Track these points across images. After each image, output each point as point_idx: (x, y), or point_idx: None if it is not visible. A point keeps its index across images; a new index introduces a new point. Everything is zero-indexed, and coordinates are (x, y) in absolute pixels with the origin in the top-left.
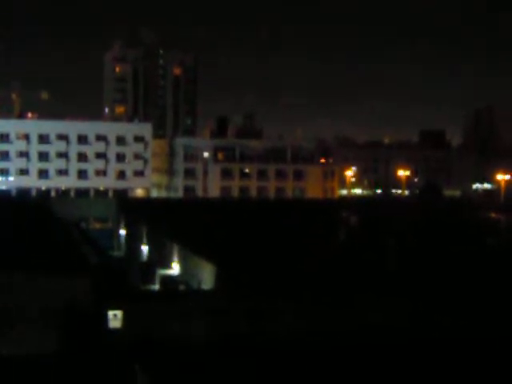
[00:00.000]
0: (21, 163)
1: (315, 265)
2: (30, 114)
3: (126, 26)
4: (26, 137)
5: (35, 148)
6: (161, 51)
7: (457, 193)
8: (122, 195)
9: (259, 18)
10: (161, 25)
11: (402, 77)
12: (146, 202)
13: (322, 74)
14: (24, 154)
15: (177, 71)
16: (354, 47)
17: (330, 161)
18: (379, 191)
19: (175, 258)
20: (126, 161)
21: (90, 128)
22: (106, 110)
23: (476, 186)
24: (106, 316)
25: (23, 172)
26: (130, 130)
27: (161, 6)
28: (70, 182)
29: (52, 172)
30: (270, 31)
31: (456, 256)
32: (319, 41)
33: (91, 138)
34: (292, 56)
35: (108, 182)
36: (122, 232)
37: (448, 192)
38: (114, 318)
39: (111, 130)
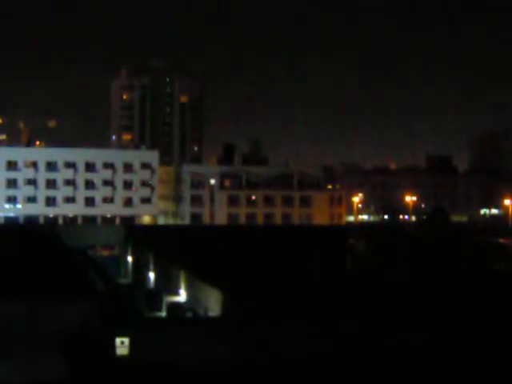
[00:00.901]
0: (28, 191)
1: (320, 292)
2: (37, 142)
3: (133, 54)
4: (34, 164)
5: (43, 176)
6: (167, 79)
7: (464, 218)
8: (129, 222)
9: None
10: (168, 53)
11: (408, 103)
12: (153, 229)
13: (328, 100)
14: (32, 182)
15: (183, 99)
16: (361, 73)
17: (337, 187)
18: (386, 217)
19: (182, 285)
20: (133, 188)
21: (97, 155)
22: (114, 137)
23: (483, 211)
24: (113, 343)
25: (31, 199)
26: (137, 157)
27: (168, 35)
28: (77, 210)
29: (59, 199)
30: (277, 58)
31: (462, 282)
32: (326, 67)
33: (98, 165)
34: (299, 82)
35: (115, 209)
36: (129, 259)
37: (455, 217)
38: (122, 344)
39: (118, 157)
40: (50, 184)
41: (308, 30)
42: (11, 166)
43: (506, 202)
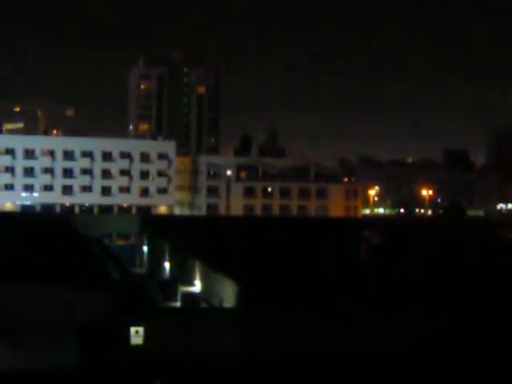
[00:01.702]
0: (45, 179)
1: (335, 283)
2: (55, 131)
3: (151, 44)
4: (51, 153)
5: (60, 164)
6: (185, 69)
7: (480, 213)
8: (145, 212)
9: (284, 37)
10: (185, 43)
11: (425, 96)
12: (169, 219)
13: (345, 93)
14: (49, 171)
15: (201, 89)
16: (377, 66)
17: (353, 180)
18: (402, 210)
19: (197, 276)
20: (150, 178)
21: (114, 145)
22: (131, 127)
23: (500, 206)
24: (128, 332)
25: (48, 188)
26: (153, 147)
27: (185, 24)
28: (93, 199)
29: (76, 188)
30: (295, 50)
31: (474, 275)
32: (343, 60)
33: (115, 154)
34: (317, 75)
35: (131, 199)
36: (145, 249)
37: (471, 212)
38: (136, 334)
39: (135, 147)
40: (67, 173)
41: (325, 20)
42: (28, 154)
43: None
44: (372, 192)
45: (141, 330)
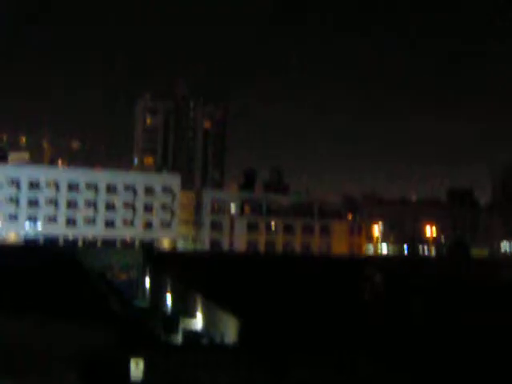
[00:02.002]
0: (49, 211)
1: (336, 321)
2: (60, 162)
3: (157, 78)
4: (56, 184)
5: (64, 196)
6: (191, 104)
7: (485, 252)
8: (148, 246)
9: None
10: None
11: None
12: (172, 253)
13: (349, 129)
14: (53, 202)
15: (207, 124)
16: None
17: (357, 216)
18: (406, 248)
19: (199, 310)
20: (154, 211)
21: (118, 177)
22: (136, 160)
23: (504, 244)
24: (128, 365)
25: (51, 219)
26: (158, 180)
27: (192, 59)
28: (97, 231)
29: (80, 220)
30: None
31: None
32: (348, 98)
33: (120, 187)
34: (321, 113)
35: (135, 232)
36: (147, 282)
37: (476, 251)
38: (136, 367)
39: (140, 180)
40: (71, 205)
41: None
42: (33, 185)
43: None
44: (376, 229)
45: (141, 363)
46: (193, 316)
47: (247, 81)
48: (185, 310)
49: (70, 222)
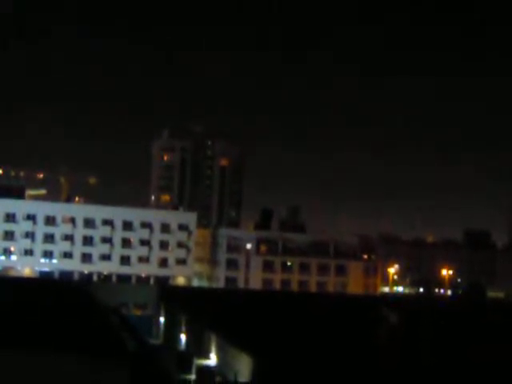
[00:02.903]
0: (65, 246)
1: (350, 363)
2: (77, 198)
3: (174, 116)
4: (72, 220)
5: (80, 232)
6: (208, 142)
7: (501, 294)
8: (163, 283)
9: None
10: (209, 115)
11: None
12: (187, 290)
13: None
14: (69, 238)
15: (223, 162)
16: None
17: (373, 257)
18: (421, 290)
19: (213, 348)
20: (169, 249)
21: (135, 214)
22: (152, 197)
23: None
24: None
25: (67, 255)
26: (174, 218)
27: (209, 97)
28: (112, 267)
29: (95, 256)
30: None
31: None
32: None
33: (136, 224)
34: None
35: (150, 269)
36: (162, 319)
37: (492, 293)
38: None
39: (156, 217)
40: (87, 240)
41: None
42: (49, 221)
43: None
44: (391, 270)
45: None
46: (207, 354)
47: (263, 119)
48: (199, 347)
49: (86, 257)
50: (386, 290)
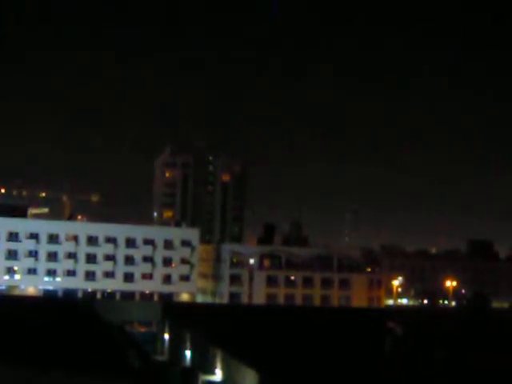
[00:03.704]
0: (68, 264)
1: (357, 375)
2: (79, 216)
3: (176, 132)
4: (75, 238)
5: (83, 250)
6: (210, 158)
7: (505, 305)
8: (167, 299)
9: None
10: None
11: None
12: (191, 307)
13: (369, 183)
14: (72, 256)
15: (225, 177)
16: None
17: (377, 269)
18: (426, 301)
19: (218, 364)
20: (173, 265)
21: (138, 231)
22: (155, 213)
23: None
24: None
25: (70, 273)
26: (177, 234)
27: (210, 113)
28: (116, 285)
29: (99, 274)
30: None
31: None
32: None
33: (139, 241)
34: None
35: (154, 286)
36: (166, 336)
37: (496, 304)
38: None
39: (159, 233)
40: (90, 258)
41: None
42: (52, 239)
43: None
44: (395, 282)
45: None
46: (212, 369)
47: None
48: (204, 363)
49: (89, 275)
50: (391, 302)
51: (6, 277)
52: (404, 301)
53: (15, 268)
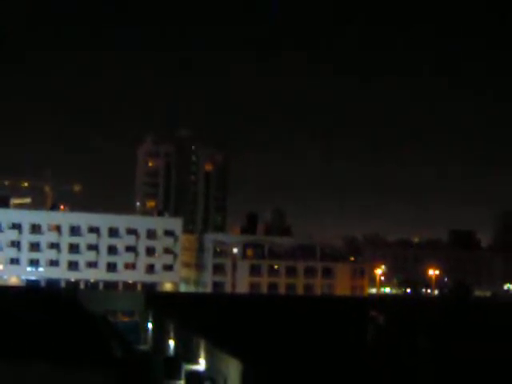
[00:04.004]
0: (51, 254)
1: (340, 364)
2: (62, 206)
3: (159, 121)
4: (58, 228)
5: (66, 240)
6: (193, 147)
7: (487, 293)
8: (150, 289)
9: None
10: (194, 120)
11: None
12: (174, 296)
13: (351, 172)
14: (55, 246)
15: (208, 167)
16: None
17: (359, 259)
18: (408, 290)
19: (202, 354)
20: (156, 255)
21: (120, 221)
22: (138, 203)
23: (507, 286)
24: None
25: (53, 263)
26: (160, 224)
27: (194, 102)
28: (99, 275)
29: (82, 264)
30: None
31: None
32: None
33: (122, 231)
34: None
35: (137, 276)
36: (149, 326)
37: (478, 292)
38: None
39: (142, 223)
40: (73, 248)
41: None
42: (35, 229)
43: None
44: (378, 271)
45: None
46: (196, 359)
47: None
48: (188, 353)
49: (72, 265)
50: (374, 291)
51: None
52: (387, 290)
53: None
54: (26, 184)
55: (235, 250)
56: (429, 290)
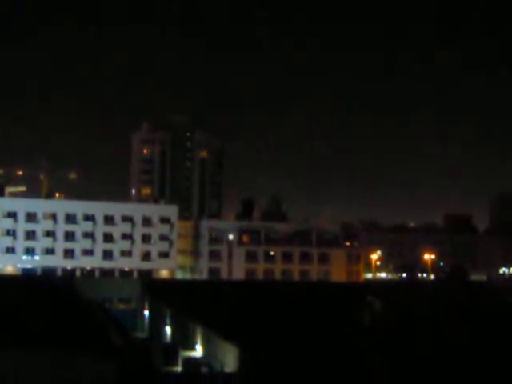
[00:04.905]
0: (47, 242)
1: (336, 349)
2: (57, 194)
3: (154, 108)
4: (53, 216)
5: (62, 228)
6: (188, 134)
7: (483, 277)
8: (146, 276)
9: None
10: (189, 107)
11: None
12: (171, 283)
13: (346, 157)
14: (50, 234)
15: (203, 154)
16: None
17: (355, 244)
18: (404, 275)
19: (198, 340)
20: (152, 242)
21: (116, 209)
22: (133, 190)
23: (503, 270)
24: None
25: (49, 251)
26: (155, 211)
27: (189, 89)
28: (95, 262)
29: (78, 252)
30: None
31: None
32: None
33: (117, 218)
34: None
35: (133, 263)
36: (146, 313)
37: (474, 276)
38: None
39: (137, 210)
40: (69, 236)
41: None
42: (30, 217)
43: None
44: (374, 256)
45: None
46: (192, 345)
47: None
48: (184, 339)
49: (68, 253)
50: (370, 276)
51: None
52: (383, 275)
53: None
54: (20, 172)
55: (231, 237)
56: (425, 275)
